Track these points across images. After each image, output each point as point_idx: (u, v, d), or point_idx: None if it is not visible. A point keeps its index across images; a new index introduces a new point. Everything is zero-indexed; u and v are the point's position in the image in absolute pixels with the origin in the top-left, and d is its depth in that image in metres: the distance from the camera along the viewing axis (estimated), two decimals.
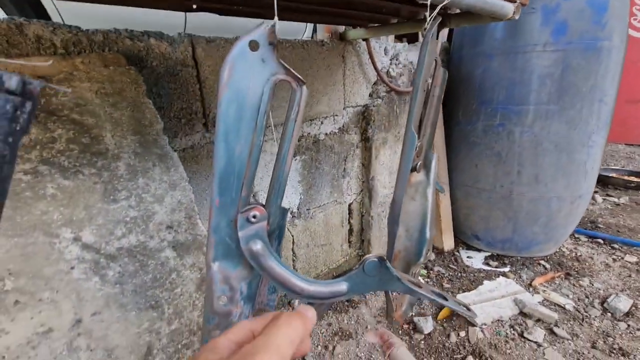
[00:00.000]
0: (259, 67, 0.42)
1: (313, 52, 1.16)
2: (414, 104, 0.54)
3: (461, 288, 1.44)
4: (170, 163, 0.65)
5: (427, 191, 0.61)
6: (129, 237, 0.58)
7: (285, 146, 0.44)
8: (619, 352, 1.08)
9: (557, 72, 1.32)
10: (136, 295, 0.57)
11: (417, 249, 0.63)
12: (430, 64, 0.55)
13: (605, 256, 1.65)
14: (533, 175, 1.44)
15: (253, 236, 0.45)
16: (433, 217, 0.62)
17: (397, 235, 0.63)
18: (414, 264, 0.64)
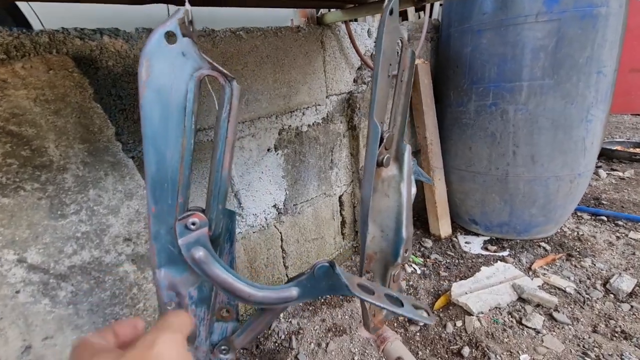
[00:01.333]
0: (180, 62, 0.37)
1: (288, 40, 1.10)
2: (375, 91, 0.49)
3: (458, 275, 1.40)
4: (125, 171, 0.61)
5: (401, 186, 0.56)
6: (82, 253, 0.54)
7: (220, 149, 0.39)
8: (621, 335, 1.04)
9: (551, 44, 1.24)
10: (93, 315, 0.54)
11: (394, 249, 0.58)
12: (392, 45, 0.50)
13: (609, 234, 1.60)
14: (529, 156, 1.37)
15: (194, 243, 0.41)
16: (409, 214, 0.57)
17: (372, 236, 0.59)
18: (392, 265, 0.59)
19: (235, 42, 0.97)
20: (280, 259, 1.27)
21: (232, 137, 0.39)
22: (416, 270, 1.46)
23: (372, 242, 0.59)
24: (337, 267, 0.40)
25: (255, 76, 1.04)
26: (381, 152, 0.53)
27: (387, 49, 0.49)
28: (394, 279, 0.61)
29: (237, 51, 0.98)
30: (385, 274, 0.61)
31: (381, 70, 0.49)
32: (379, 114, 0.51)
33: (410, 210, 0.57)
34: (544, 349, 1.01)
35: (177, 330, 0.30)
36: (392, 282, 0.61)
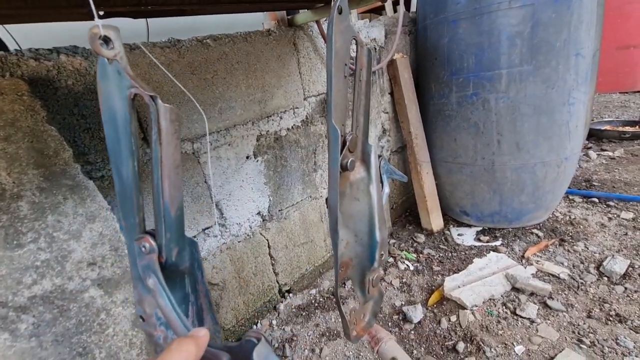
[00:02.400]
0: (117, 81, 0.36)
1: (259, 44, 1.08)
2: (330, 94, 0.47)
3: (452, 269, 1.39)
4: (85, 193, 0.59)
5: (370, 189, 0.54)
6: (42, 282, 0.52)
7: (156, 173, 0.38)
8: (615, 318, 1.03)
9: (526, 29, 1.22)
10: (59, 345, 0.52)
11: (369, 254, 0.57)
12: (345, 44, 0.48)
13: (601, 216, 1.59)
14: (514, 143, 1.36)
15: (146, 268, 0.40)
16: (382, 216, 0.55)
17: (345, 242, 0.57)
18: (369, 270, 0.58)
19: (203, 51, 0.95)
20: (269, 266, 1.26)
21: (169, 163, 0.37)
22: (409, 266, 1.45)
23: (346, 249, 0.58)
24: (265, 342, 0.35)
25: (227, 84, 1.02)
26: (345, 155, 0.52)
27: (339, 50, 0.47)
28: (373, 284, 0.59)
29: (205, 60, 0.96)
30: (363, 279, 0.59)
31: (335, 71, 0.47)
32: (338, 117, 0.49)
33: (382, 211, 0.55)
34: (538, 339, 1.00)
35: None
36: (371, 286, 0.60)
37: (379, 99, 1.57)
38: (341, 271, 0.57)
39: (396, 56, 1.55)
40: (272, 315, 1.27)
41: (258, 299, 1.24)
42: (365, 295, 0.59)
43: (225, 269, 1.11)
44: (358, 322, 0.62)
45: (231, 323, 1.16)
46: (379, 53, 1.53)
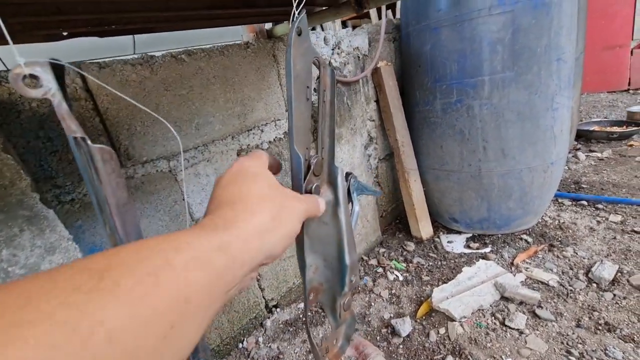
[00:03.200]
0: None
1: (236, 58, 1.06)
2: (291, 119, 0.45)
3: (441, 279, 1.37)
4: (44, 224, 0.56)
5: (338, 211, 0.52)
6: None
7: (105, 211, 0.35)
8: (604, 327, 1.02)
9: (507, 36, 1.22)
10: None
11: (339, 278, 0.55)
12: (306, 66, 0.46)
13: (589, 219, 1.58)
14: (499, 150, 1.35)
15: None
16: (351, 239, 0.53)
17: (314, 267, 0.55)
18: (340, 295, 0.56)
19: (177, 67, 0.93)
20: (254, 282, 1.23)
21: (114, 202, 0.35)
22: (398, 277, 1.43)
23: (315, 274, 0.56)
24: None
25: (204, 98, 1.00)
26: (310, 180, 0.50)
27: (300, 72, 0.45)
28: (344, 308, 0.57)
29: (180, 75, 0.94)
30: (334, 304, 0.57)
31: (296, 95, 0.45)
32: (301, 141, 0.47)
33: (351, 235, 0.53)
34: (527, 351, 0.98)
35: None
36: (343, 310, 0.58)
37: (365, 107, 1.56)
38: (311, 297, 0.55)
39: (380, 64, 1.55)
40: (258, 332, 1.24)
41: (243, 316, 1.21)
42: (337, 320, 0.57)
43: None
44: (331, 349, 0.60)
45: (215, 342, 1.13)
46: (363, 61, 1.52)
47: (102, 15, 0.60)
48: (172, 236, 0.24)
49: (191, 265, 0.22)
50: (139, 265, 0.20)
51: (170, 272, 0.21)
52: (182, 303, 0.21)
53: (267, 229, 0.30)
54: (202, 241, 0.24)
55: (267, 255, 0.30)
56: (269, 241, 0.29)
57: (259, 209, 0.30)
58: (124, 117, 0.85)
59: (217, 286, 0.24)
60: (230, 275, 0.25)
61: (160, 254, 0.22)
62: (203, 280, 0.23)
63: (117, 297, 0.18)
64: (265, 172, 0.36)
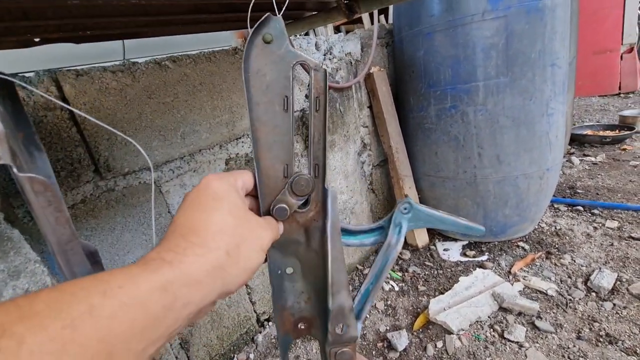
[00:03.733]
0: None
1: (224, 64, 1.02)
2: (253, 132, 0.41)
3: (437, 289, 1.33)
4: (8, 245, 0.52)
5: (325, 242, 0.46)
6: None
7: (49, 247, 0.31)
8: (606, 339, 0.99)
9: (501, 41, 1.20)
10: None
11: (323, 320, 0.47)
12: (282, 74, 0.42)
13: (586, 225, 1.56)
14: (494, 156, 1.33)
15: None
16: (339, 277, 0.44)
17: (306, 297, 0.49)
18: (325, 342, 0.48)
19: (161, 73, 0.89)
20: (244, 295, 1.18)
21: (54, 239, 0.31)
22: (394, 287, 1.39)
23: (308, 304, 0.50)
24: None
25: (190, 106, 0.96)
26: (281, 200, 0.44)
27: (273, 82, 0.41)
28: (336, 358, 0.50)
29: (164, 82, 0.90)
30: (324, 348, 0.50)
31: (267, 107, 0.41)
32: (276, 157, 0.43)
33: (341, 273, 0.45)
34: None
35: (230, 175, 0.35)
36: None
37: (358, 113, 1.53)
38: (303, 327, 0.49)
39: (373, 69, 1.52)
40: (249, 348, 1.19)
41: (234, 331, 1.16)
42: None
43: None
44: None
45: None
46: (356, 67, 1.50)
47: (74, 20, 0.56)
48: (105, 277, 0.20)
49: (120, 313, 0.19)
50: (54, 318, 0.17)
51: (91, 323, 0.18)
52: (102, 357, 0.18)
53: (222, 265, 0.27)
54: (139, 283, 0.21)
55: (221, 292, 0.27)
56: (223, 278, 0.27)
57: (214, 244, 0.27)
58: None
59: (154, 330, 0.21)
60: (172, 317, 0.22)
61: (83, 301, 0.18)
62: (134, 328, 0.20)
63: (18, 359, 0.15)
64: (231, 196, 0.32)
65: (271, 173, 0.43)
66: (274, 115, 0.42)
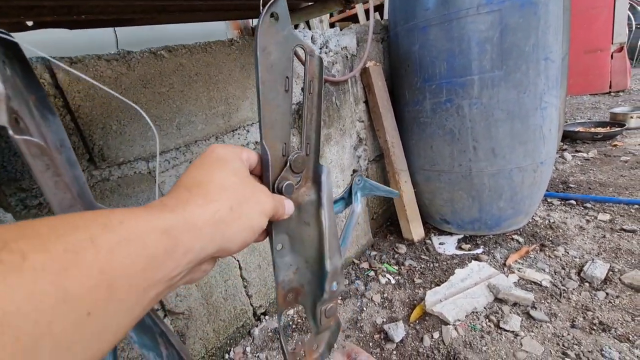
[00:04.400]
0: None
1: (220, 55, 1.02)
2: (261, 112, 0.41)
3: (433, 281, 1.34)
4: None
5: (321, 213, 0.49)
6: None
7: None
8: (599, 327, 1.00)
9: (495, 35, 1.21)
10: None
11: (319, 283, 0.51)
12: (285, 54, 0.42)
13: (579, 218, 1.58)
14: (489, 149, 1.34)
15: None
16: (334, 243, 0.50)
17: (295, 268, 0.51)
18: (319, 301, 0.52)
19: (156, 63, 0.88)
20: (241, 289, 1.18)
21: (58, 202, 0.31)
22: (390, 280, 1.40)
23: (296, 274, 0.51)
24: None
25: (185, 97, 0.95)
26: (284, 177, 0.45)
27: (277, 61, 0.42)
28: (326, 314, 0.53)
29: (159, 72, 0.89)
30: (315, 309, 0.53)
31: (271, 85, 0.42)
32: (277, 136, 0.44)
33: (334, 238, 0.50)
34: (523, 354, 0.96)
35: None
36: (325, 317, 0.54)
37: (354, 107, 1.53)
38: (290, 297, 0.51)
39: (369, 64, 1.53)
40: (246, 342, 1.18)
41: (230, 325, 1.15)
42: (318, 325, 0.53)
43: (191, 296, 1.03)
44: (309, 354, 0.55)
45: (200, 354, 1.07)
46: (351, 61, 1.50)
47: (69, 1, 0.55)
48: (105, 212, 0.20)
49: (120, 248, 0.19)
50: (56, 240, 0.17)
51: (92, 252, 0.17)
52: (103, 289, 0.17)
53: (224, 219, 0.27)
54: (139, 221, 0.21)
55: (221, 248, 0.27)
56: (223, 232, 0.27)
57: (217, 196, 0.28)
58: (98, 115, 0.80)
59: (154, 272, 0.21)
60: (172, 262, 0.22)
61: (84, 231, 0.18)
62: (135, 265, 0.19)
63: (21, 273, 0.15)
64: (235, 160, 0.33)
65: (273, 152, 0.43)
66: (277, 95, 0.42)
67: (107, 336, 0.18)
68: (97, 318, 0.17)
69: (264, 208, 0.33)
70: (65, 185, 0.31)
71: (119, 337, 0.19)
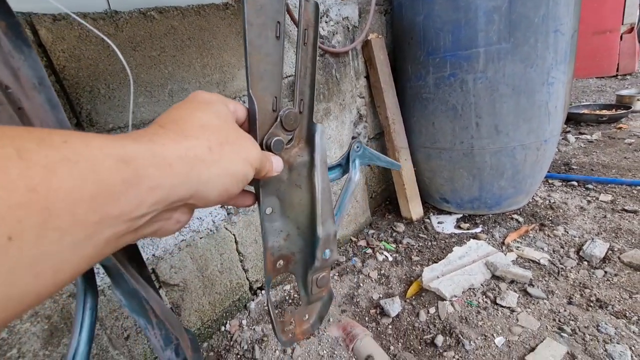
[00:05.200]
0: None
1: (214, 19, 0.97)
2: (246, 57, 0.37)
3: (431, 259, 1.33)
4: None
5: (313, 175, 0.46)
6: None
7: None
8: (596, 304, 1.00)
9: (504, 4, 1.15)
10: None
11: (310, 250, 0.48)
12: None
13: (580, 199, 1.56)
14: (492, 126, 1.30)
15: None
16: (327, 208, 0.47)
17: (285, 234, 0.48)
18: (310, 269, 0.50)
19: (146, 24, 0.84)
20: (237, 263, 1.17)
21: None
22: (388, 257, 1.39)
23: (287, 241, 0.49)
24: None
25: (178, 62, 0.91)
26: (273, 133, 0.42)
27: (267, 3, 0.38)
28: (318, 284, 0.51)
29: (149, 34, 0.84)
30: (305, 278, 0.51)
31: (259, 30, 0.38)
32: (266, 88, 0.40)
33: (328, 203, 0.47)
34: (519, 329, 0.96)
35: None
36: (316, 287, 0.52)
37: (354, 82, 1.49)
38: (280, 265, 0.49)
39: (371, 36, 1.47)
40: (242, 315, 1.19)
41: (226, 298, 1.15)
42: (309, 295, 0.51)
43: (186, 268, 1.02)
44: (299, 324, 0.54)
45: (196, 325, 1.07)
46: (353, 33, 1.44)
47: None
48: (45, 130, 0.17)
49: (60, 167, 0.16)
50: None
51: (17, 165, 0.14)
52: (33, 211, 0.14)
53: (201, 158, 0.23)
54: (91, 145, 0.17)
55: (196, 191, 0.23)
56: (199, 173, 0.23)
57: (195, 133, 0.24)
58: (85, 77, 0.76)
59: (108, 204, 0.17)
60: (134, 196, 0.19)
61: (12, 141, 0.15)
62: (81, 190, 0.16)
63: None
64: (219, 104, 0.30)
65: (262, 105, 0.40)
66: (266, 41, 0.38)
67: (42, 270, 0.15)
68: (24, 244, 0.14)
69: (248, 155, 0.29)
70: (9, 115, 0.28)
71: (63, 277, 0.16)
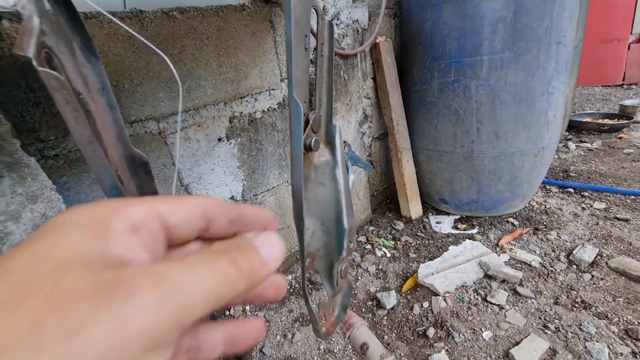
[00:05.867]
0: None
1: (231, 20, 1.02)
2: (291, 65, 0.43)
3: (427, 256, 1.39)
4: (26, 171, 0.54)
5: (336, 172, 0.51)
6: None
7: None
8: (581, 305, 1.05)
9: (509, 15, 1.20)
10: None
11: (337, 243, 0.53)
12: (304, 13, 0.44)
13: (575, 205, 1.61)
14: (492, 132, 1.35)
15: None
16: (349, 202, 0.52)
17: (311, 232, 0.54)
18: (337, 260, 0.55)
19: (168, 24, 0.89)
20: None
21: (78, 137, 0.33)
22: (386, 253, 1.45)
23: (313, 239, 0.54)
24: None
25: (196, 60, 0.96)
26: (308, 134, 0.48)
27: (299, 18, 0.43)
28: (342, 275, 0.57)
29: (171, 33, 0.90)
30: (332, 271, 0.56)
31: (296, 40, 0.43)
32: (300, 92, 0.46)
33: (349, 197, 0.52)
34: (506, 324, 1.02)
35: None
36: (340, 278, 0.57)
37: (361, 83, 1.54)
38: (308, 263, 0.54)
39: (379, 39, 1.51)
40: None
41: None
42: (334, 288, 0.56)
43: None
44: (327, 317, 0.59)
45: None
46: (362, 35, 1.49)
47: None
48: None
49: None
50: None
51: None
52: None
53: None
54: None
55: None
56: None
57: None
58: (111, 72, 0.81)
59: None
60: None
61: None
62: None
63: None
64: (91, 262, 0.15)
65: (300, 104, 0.45)
66: (299, 52, 0.43)
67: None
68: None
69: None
70: (83, 120, 0.34)
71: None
